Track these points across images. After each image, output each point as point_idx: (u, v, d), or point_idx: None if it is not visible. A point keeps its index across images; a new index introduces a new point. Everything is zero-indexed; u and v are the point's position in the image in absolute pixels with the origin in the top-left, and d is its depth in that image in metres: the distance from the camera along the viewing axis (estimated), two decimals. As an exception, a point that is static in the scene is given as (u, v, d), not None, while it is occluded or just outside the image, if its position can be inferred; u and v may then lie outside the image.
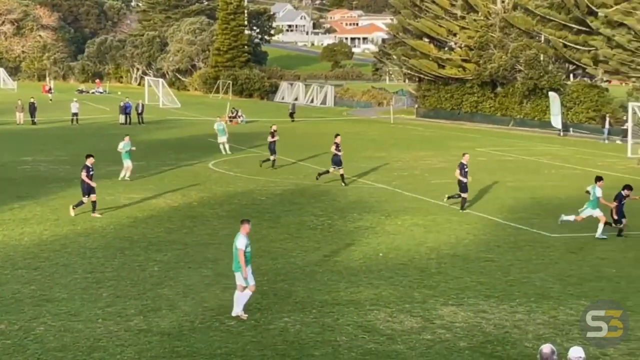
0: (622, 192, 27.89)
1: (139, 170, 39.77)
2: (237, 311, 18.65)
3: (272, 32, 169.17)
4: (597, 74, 71.26)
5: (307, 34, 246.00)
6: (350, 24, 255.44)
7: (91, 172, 30.26)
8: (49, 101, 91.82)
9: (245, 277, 18.49)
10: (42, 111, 73.23)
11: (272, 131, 43.73)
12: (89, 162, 30.34)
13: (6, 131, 62.46)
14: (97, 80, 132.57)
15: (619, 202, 27.79)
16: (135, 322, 18.34)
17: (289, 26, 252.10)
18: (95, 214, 29.98)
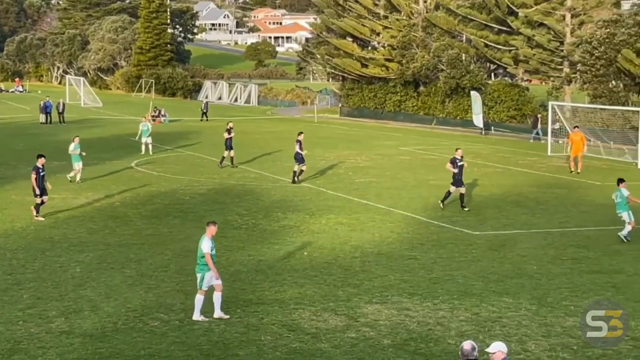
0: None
1: (60, 170, 39.14)
2: (197, 316, 18.45)
3: (195, 30, 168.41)
4: (518, 74, 72.28)
5: (230, 32, 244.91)
6: (274, 23, 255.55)
7: (42, 173, 29.63)
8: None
9: (217, 278, 18.38)
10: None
11: (229, 128, 43.44)
12: (40, 162, 29.71)
13: None
14: (17, 79, 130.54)
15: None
16: (56, 324, 18.09)
17: (213, 25, 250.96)
18: (38, 217, 29.37)
